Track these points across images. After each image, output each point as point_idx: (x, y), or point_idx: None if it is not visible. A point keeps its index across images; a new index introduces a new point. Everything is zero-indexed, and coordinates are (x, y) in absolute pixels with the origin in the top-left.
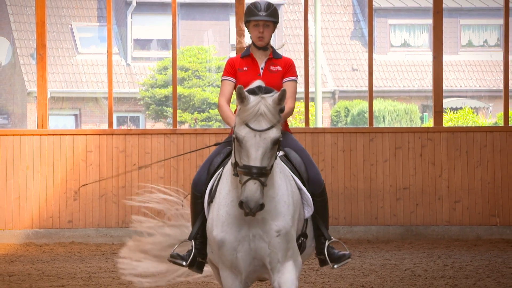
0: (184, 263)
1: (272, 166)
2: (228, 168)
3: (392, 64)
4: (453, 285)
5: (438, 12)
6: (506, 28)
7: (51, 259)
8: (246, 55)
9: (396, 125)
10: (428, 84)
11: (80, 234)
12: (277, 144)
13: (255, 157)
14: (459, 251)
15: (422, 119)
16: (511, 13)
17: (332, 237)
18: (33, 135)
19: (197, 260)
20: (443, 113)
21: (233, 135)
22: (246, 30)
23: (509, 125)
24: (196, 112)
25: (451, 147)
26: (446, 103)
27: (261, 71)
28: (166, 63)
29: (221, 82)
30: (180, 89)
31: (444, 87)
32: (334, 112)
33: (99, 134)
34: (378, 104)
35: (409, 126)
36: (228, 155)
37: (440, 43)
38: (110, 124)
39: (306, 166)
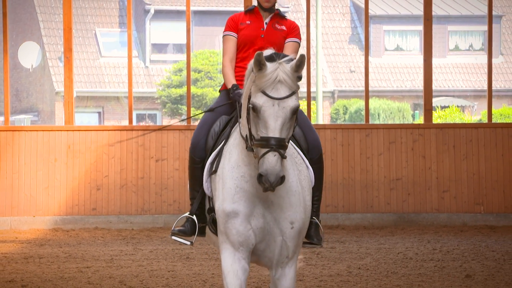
0: (188, 243)
1: (289, 138)
2: (232, 143)
3: (386, 66)
4: (441, 267)
5: (428, 19)
6: (490, 34)
7: (77, 243)
8: (250, 10)
9: (390, 121)
10: (419, 84)
11: (103, 221)
12: (295, 114)
13: (274, 128)
14: (446, 236)
15: (413, 116)
16: (495, 20)
17: (315, 218)
18: (61, 130)
19: (199, 226)
20: (433, 111)
21: (250, 105)
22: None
23: (492, 122)
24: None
25: (440, 141)
26: (435, 101)
27: (265, 26)
28: (181, 65)
29: (222, 38)
30: (193, 89)
31: (433, 87)
32: (334, 110)
33: (120, 130)
34: (373, 103)
35: (401, 122)
36: (227, 125)
37: (430, 47)
38: (130, 121)
39: (305, 134)
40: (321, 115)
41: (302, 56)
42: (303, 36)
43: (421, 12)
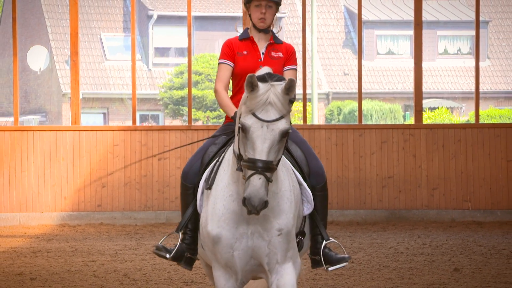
0: (167, 256)
1: (279, 161)
2: (227, 158)
3: (379, 69)
4: (430, 261)
5: (418, 24)
6: (477, 39)
7: (83, 238)
8: (245, 38)
9: (382, 122)
10: (409, 86)
11: (108, 217)
12: (285, 137)
13: (261, 150)
14: (436, 231)
15: (404, 117)
16: (482, 25)
17: (330, 238)
18: (67, 130)
19: (186, 255)
20: (423, 112)
21: (239, 125)
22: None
23: (480, 122)
24: (208, 111)
25: (430, 141)
26: (425, 103)
27: (262, 57)
28: (182, 68)
29: (218, 65)
30: (194, 91)
31: (423, 90)
32: (328, 111)
33: (124, 130)
34: (366, 104)
35: (393, 123)
36: (224, 145)
37: (420, 51)
38: (134, 121)
39: (307, 159)
40: (316, 115)
41: (290, 80)
42: (299, 41)
43: (412, 18)
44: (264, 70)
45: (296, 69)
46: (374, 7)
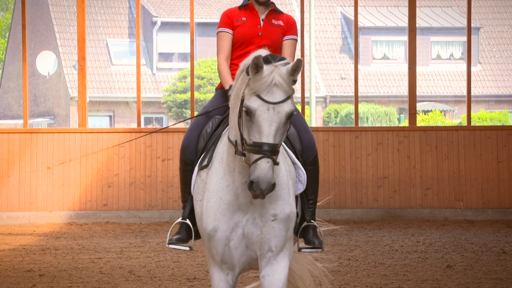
0: (187, 249)
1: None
2: (220, 150)
3: (374, 73)
4: (424, 258)
5: (412, 30)
6: (469, 44)
7: (90, 236)
8: (244, 5)
9: (377, 124)
10: (404, 90)
11: (113, 215)
12: (289, 119)
13: (268, 133)
14: (429, 230)
15: (399, 119)
16: (473, 32)
17: (312, 221)
18: (75, 132)
19: (194, 230)
20: (417, 115)
21: (244, 108)
22: None
23: (471, 125)
24: None
25: (423, 143)
26: (419, 106)
27: (262, 23)
28: (185, 72)
29: (217, 34)
30: (197, 94)
31: (417, 93)
32: (326, 113)
33: (129, 132)
34: (362, 107)
35: (388, 125)
36: (219, 126)
37: (414, 56)
38: (139, 124)
39: (300, 134)
40: (314, 118)
41: (298, 60)
42: (298, 46)
43: (406, 24)
44: (264, 52)
45: (296, 40)
46: (370, 14)
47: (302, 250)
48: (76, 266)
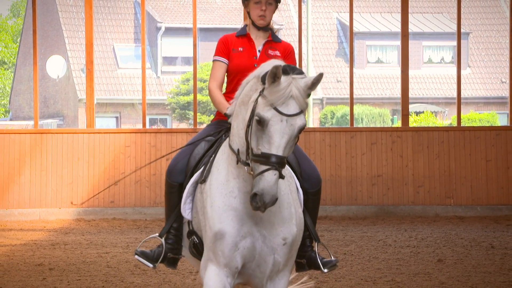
0: (151, 266)
1: None
2: (220, 158)
3: (369, 76)
4: (416, 253)
5: (405, 35)
6: (459, 49)
7: (97, 232)
8: (242, 35)
9: (372, 125)
10: (397, 92)
11: (120, 212)
12: (299, 134)
13: (278, 145)
14: (421, 225)
15: (392, 120)
16: (463, 37)
17: (320, 240)
18: (83, 133)
19: (168, 256)
20: (409, 116)
21: (256, 117)
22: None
23: (461, 125)
24: (212, 115)
25: (416, 143)
26: (411, 108)
27: (258, 54)
28: (188, 75)
29: (212, 62)
30: (199, 97)
31: (409, 95)
32: (322, 115)
33: (135, 133)
34: (357, 109)
35: (382, 126)
36: (212, 146)
37: (407, 60)
38: (144, 125)
39: (299, 161)
40: (311, 119)
41: (320, 74)
42: (296, 51)
43: (399, 30)
44: (279, 62)
45: None
46: (364, 19)
47: (326, 270)
48: (84, 260)
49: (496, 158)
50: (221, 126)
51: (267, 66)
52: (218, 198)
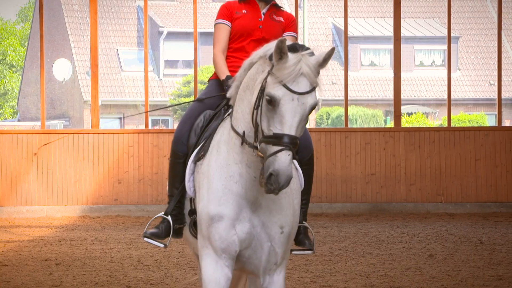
0: (162, 246)
1: None
2: (220, 140)
3: (363, 79)
4: (408, 248)
5: (397, 39)
6: (449, 52)
7: (102, 228)
8: (245, 0)
9: (365, 125)
10: (390, 94)
11: (123, 209)
12: (310, 113)
13: (290, 124)
14: (413, 222)
15: (385, 121)
16: (453, 40)
17: (304, 222)
18: (88, 133)
19: (175, 227)
20: (401, 117)
21: (267, 97)
22: None
23: (451, 126)
24: None
25: (408, 142)
26: (404, 109)
27: (263, 16)
28: (189, 78)
29: (214, 26)
30: None
31: (402, 97)
32: (318, 116)
33: (138, 133)
34: (351, 110)
35: (375, 126)
36: (211, 120)
37: (399, 63)
38: (146, 125)
39: None
40: None
41: (332, 48)
42: None
43: (392, 34)
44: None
45: (296, 37)
46: (358, 24)
47: (293, 252)
48: (89, 256)
49: (485, 157)
50: (219, 87)
51: (272, 44)
52: (217, 181)
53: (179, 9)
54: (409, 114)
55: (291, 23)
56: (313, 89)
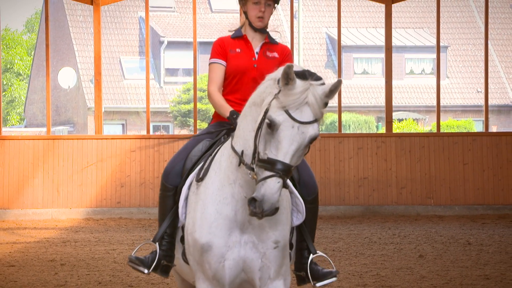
0: (145, 271)
1: None
2: (218, 160)
3: (355, 86)
4: (399, 249)
5: (388, 48)
6: (438, 61)
7: (105, 230)
8: (238, 36)
9: (358, 131)
10: (381, 101)
11: (126, 212)
12: (310, 144)
13: (286, 152)
14: (404, 224)
15: (377, 127)
16: (442, 50)
17: (318, 251)
18: (92, 139)
19: (162, 263)
20: (392, 123)
21: (267, 120)
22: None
23: (440, 132)
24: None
25: (398, 147)
26: (395, 115)
27: (256, 56)
28: (189, 86)
29: (209, 66)
30: (199, 105)
31: (393, 104)
32: None
33: (140, 138)
34: (345, 116)
35: (367, 132)
36: (209, 149)
37: (390, 72)
38: (148, 131)
39: (298, 167)
40: None
41: (339, 80)
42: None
43: (383, 43)
44: (296, 66)
45: None
46: (351, 34)
47: (317, 284)
48: (93, 256)
49: (472, 161)
50: (221, 127)
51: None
52: (210, 205)
53: (179, 19)
54: (400, 120)
55: (286, 57)
56: (315, 121)
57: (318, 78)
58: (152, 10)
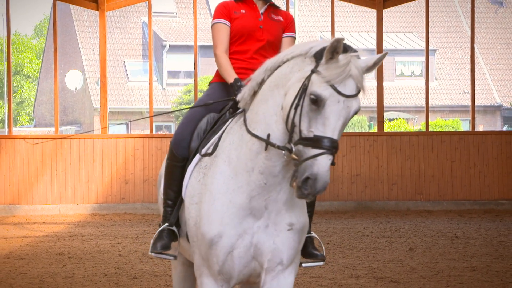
0: (172, 258)
1: None
2: (230, 147)
3: None
4: (390, 242)
5: (380, 52)
6: (427, 63)
7: (110, 225)
8: (241, 0)
9: (351, 130)
10: (373, 101)
11: (130, 207)
12: (351, 118)
13: (334, 127)
14: (394, 218)
15: (369, 126)
16: (430, 53)
17: (312, 232)
18: (97, 138)
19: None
20: (384, 122)
21: (312, 96)
22: None
23: (429, 131)
24: None
25: (390, 146)
26: (386, 115)
27: (262, 16)
28: (190, 87)
29: (212, 27)
30: None
31: (384, 104)
32: None
33: (143, 137)
34: None
35: (360, 131)
36: (215, 124)
37: (381, 74)
38: (151, 130)
39: None
40: None
41: (385, 53)
42: None
43: (375, 47)
44: (324, 42)
45: (295, 38)
46: (344, 38)
47: (303, 264)
48: (99, 250)
49: (460, 159)
50: (221, 91)
51: (314, 43)
52: (222, 195)
53: (181, 24)
54: (390, 120)
55: (290, 23)
56: (358, 93)
57: (355, 51)
58: (155, 15)
